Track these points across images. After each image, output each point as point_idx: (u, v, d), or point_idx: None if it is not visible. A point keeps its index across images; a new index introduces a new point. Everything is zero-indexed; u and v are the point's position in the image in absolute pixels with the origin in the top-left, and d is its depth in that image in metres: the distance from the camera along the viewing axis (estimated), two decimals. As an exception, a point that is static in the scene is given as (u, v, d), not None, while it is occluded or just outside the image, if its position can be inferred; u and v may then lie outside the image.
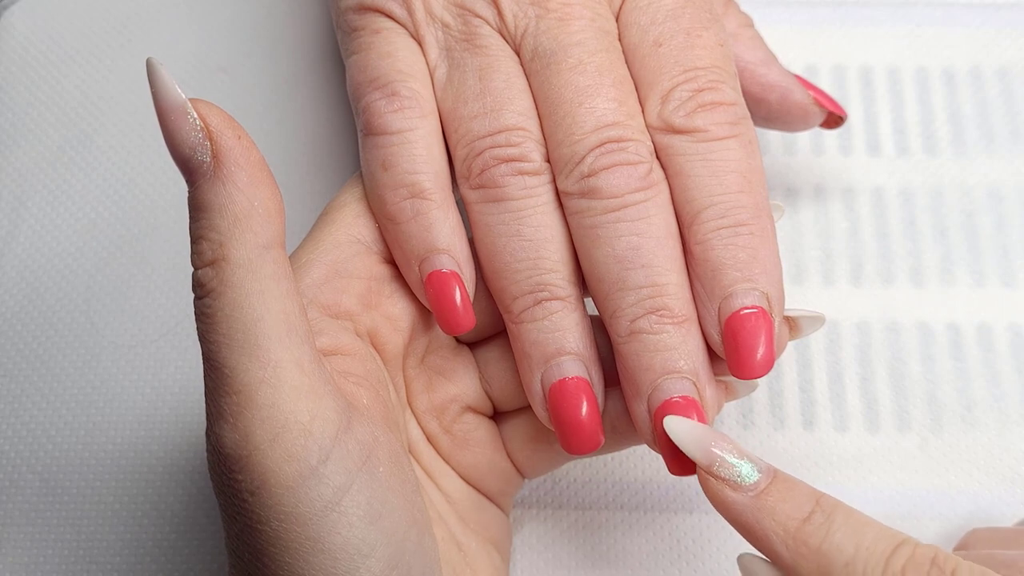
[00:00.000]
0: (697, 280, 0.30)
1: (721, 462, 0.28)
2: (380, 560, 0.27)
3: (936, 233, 0.41)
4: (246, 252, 0.26)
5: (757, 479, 0.28)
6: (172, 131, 0.26)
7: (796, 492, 0.27)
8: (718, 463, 0.28)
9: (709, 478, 0.28)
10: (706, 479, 0.28)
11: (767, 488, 0.27)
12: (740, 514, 0.27)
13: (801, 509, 0.27)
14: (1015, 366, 0.39)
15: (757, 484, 0.27)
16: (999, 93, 0.43)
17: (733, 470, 0.28)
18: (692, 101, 0.31)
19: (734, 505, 0.27)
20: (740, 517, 0.27)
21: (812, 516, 0.27)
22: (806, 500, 0.27)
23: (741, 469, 0.28)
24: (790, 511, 0.27)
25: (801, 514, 0.27)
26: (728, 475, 0.28)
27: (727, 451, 0.28)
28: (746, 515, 0.27)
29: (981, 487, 0.37)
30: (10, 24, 0.48)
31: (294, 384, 0.26)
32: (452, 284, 0.31)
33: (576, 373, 0.31)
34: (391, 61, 0.33)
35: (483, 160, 0.31)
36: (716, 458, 0.28)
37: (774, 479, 0.28)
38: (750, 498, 0.27)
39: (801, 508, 0.27)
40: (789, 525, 0.27)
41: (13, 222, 0.44)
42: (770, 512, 0.27)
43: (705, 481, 0.28)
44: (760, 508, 0.27)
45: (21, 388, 0.41)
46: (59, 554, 0.38)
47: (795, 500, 0.27)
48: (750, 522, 0.27)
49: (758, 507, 0.27)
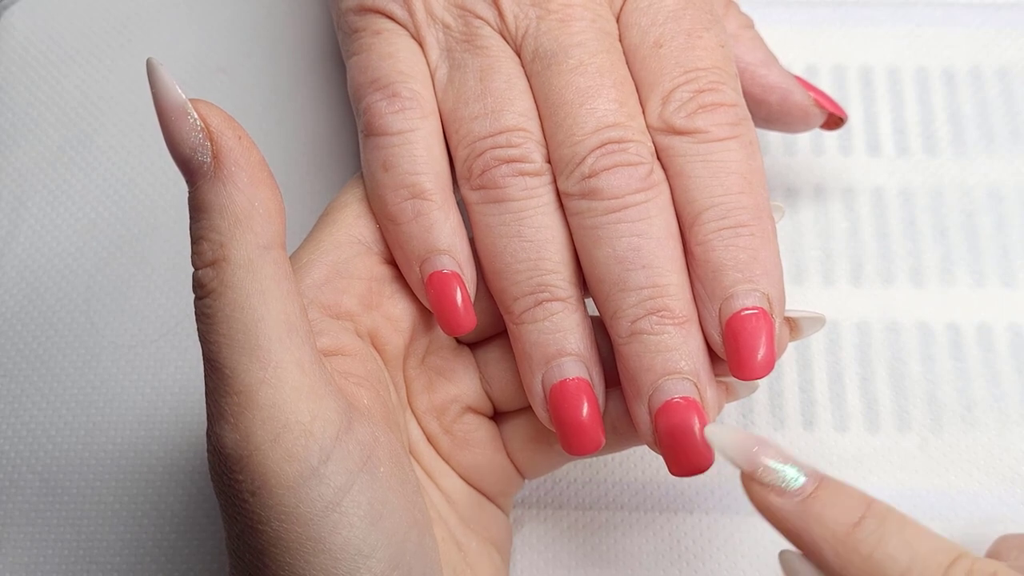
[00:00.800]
0: (698, 281, 0.30)
1: (765, 468, 0.27)
2: (381, 560, 0.27)
3: (936, 233, 0.41)
4: (246, 252, 0.26)
5: (803, 483, 0.26)
6: (172, 131, 0.26)
7: (845, 496, 0.26)
8: (762, 469, 0.27)
9: (753, 484, 0.27)
10: (750, 485, 0.27)
11: (814, 493, 0.26)
12: (786, 519, 0.26)
13: (851, 514, 0.26)
14: (1015, 366, 0.39)
15: (803, 489, 0.26)
16: (999, 93, 0.43)
17: (777, 475, 0.26)
18: (693, 102, 0.31)
19: (780, 511, 0.26)
20: (786, 523, 0.26)
21: (863, 522, 0.26)
22: (856, 505, 0.26)
23: (786, 474, 0.26)
24: (839, 516, 0.26)
25: (851, 519, 0.26)
26: (772, 480, 0.26)
27: (771, 456, 0.27)
28: (792, 520, 0.26)
29: (981, 487, 0.37)
30: (10, 24, 0.48)
31: (295, 385, 0.26)
32: (453, 285, 0.31)
33: (577, 374, 0.31)
34: (392, 62, 0.33)
35: (484, 161, 0.31)
36: (760, 464, 0.27)
37: (821, 483, 0.26)
38: (796, 503, 0.26)
39: (851, 513, 0.26)
40: (838, 531, 0.26)
41: (13, 222, 0.44)
42: (817, 517, 0.26)
43: (750, 487, 0.27)
44: (807, 513, 0.26)
45: (21, 388, 0.41)
46: (59, 554, 0.38)
47: (844, 505, 0.26)
48: (797, 528, 0.26)
49: (805, 512, 0.26)
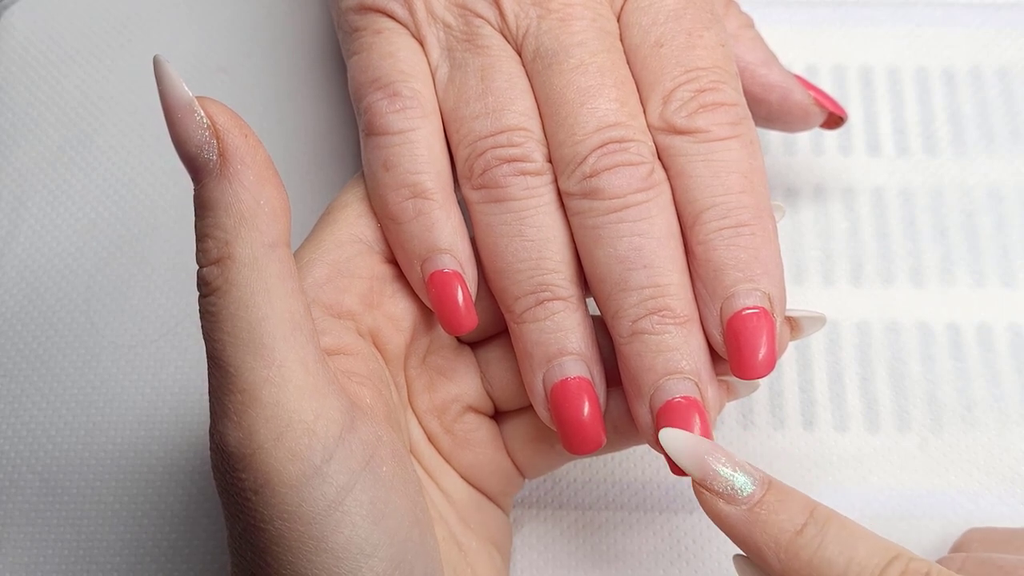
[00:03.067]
0: (699, 280, 0.30)
1: (715, 475, 0.28)
2: (383, 560, 0.27)
3: (936, 233, 0.41)
4: (251, 251, 0.26)
5: (752, 491, 0.27)
6: (178, 129, 0.26)
7: (790, 503, 0.27)
8: (712, 476, 0.28)
9: (703, 491, 0.28)
10: (701, 492, 0.28)
11: (760, 500, 0.27)
12: (734, 527, 0.27)
13: (794, 521, 0.27)
14: (1015, 366, 0.39)
15: (751, 496, 0.27)
16: (999, 93, 0.43)
17: (727, 483, 0.27)
18: (694, 102, 0.31)
19: (728, 518, 0.27)
20: (734, 530, 0.27)
21: (805, 528, 0.27)
22: (799, 511, 0.27)
23: (735, 481, 0.27)
24: (783, 523, 0.27)
25: (794, 526, 0.27)
26: (722, 488, 0.27)
27: (721, 463, 0.28)
28: (740, 528, 0.27)
29: (981, 487, 0.37)
30: (10, 24, 0.48)
31: (299, 383, 0.26)
32: (454, 284, 0.31)
33: (578, 373, 0.31)
34: (393, 61, 0.33)
35: (485, 160, 0.31)
36: (710, 471, 0.28)
37: (768, 490, 0.27)
38: (743, 511, 0.27)
39: (794, 520, 0.27)
40: (781, 538, 0.27)
41: (13, 222, 0.44)
42: (763, 525, 0.27)
43: (700, 494, 0.28)
44: (753, 521, 0.27)
45: (21, 388, 0.41)
46: (59, 554, 0.38)
47: (788, 512, 0.27)
48: (744, 535, 0.27)
49: (751, 520, 0.27)
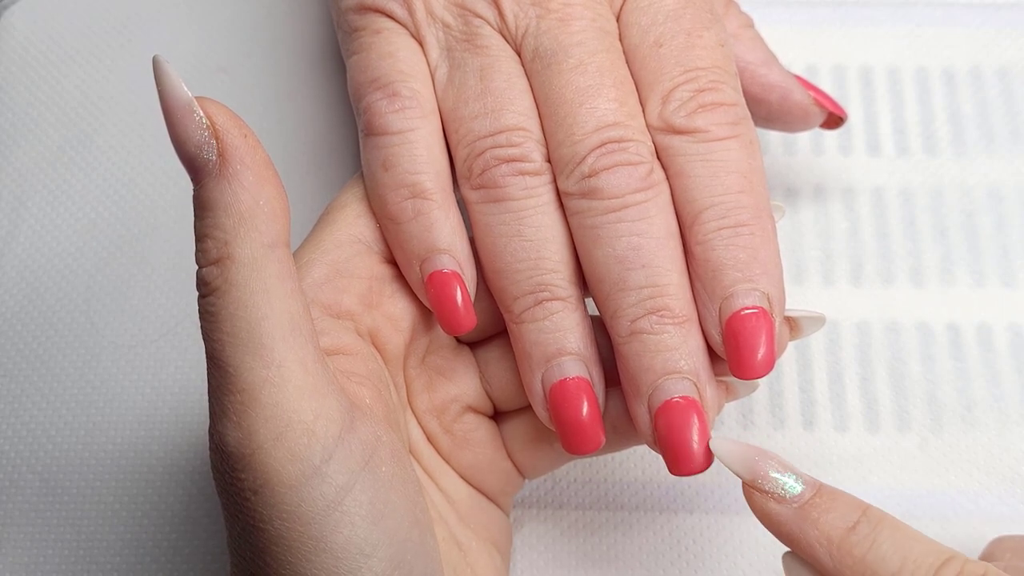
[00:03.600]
0: (698, 280, 0.30)
1: (765, 476, 0.28)
2: (382, 560, 0.27)
3: (936, 233, 0.41)
4: (251, 251, 0.26)
5: (801, 491, 0.27)
6: (178, 129, 0.26)
7: (841, 503, 0.27)
8: (762, 477, 0.28)
9: (754, 492, 0.28)
10: (751, 493, 0.28)
11: (811, 500, 0.27)
12: (783, 525, 0.27)
13: (846, 519, 0.27)
14: (1015, 366, 0.39)
15: (801, 496, 0.27)
16: (999, 93, 0.43)
17: (777, 483, 0.28)
18: (693, 101, 0.31)
19: (778, 516, 0.27)
20: (784, 528, 0.27)
21: (857, 526, 0.27)
22: (851, 510, 0.27)
23: (785, 482, 0.28)
24: (834, 521, 0.27)
25: (846, 524, 0.27)
26: (772, 488, 0.28)
27: (771, 466, 0.28)
28: (790, 526, 0.27)
29: (981, 487, 0.37)
30: (10, 24, 0.48)
31: (298, 383, 0.26)
32: (453, 284, 0.31)
33: (577, 373, 0.31)
34: (392, 61, 0.33)
35: (484, 160, 0.31)
36: (760, 472, 0.28)
37: (819, 491, 0.28)
38: (794, 510, 0.27)
39: (846, 518, 0.27)
40: (833, 535, 0.27)
41: (13, 222, 0.44)
42: (814, 522, 0.27)
43: (750, 495, 0.28)
44: (804, 519, 0.27)
45: (21, 388, 0.41)
46: (59, 554, 0.38)
47: (840, 510, 0.27)
48: (794, 532, 0.27)
49: (802, 518, 0.27)
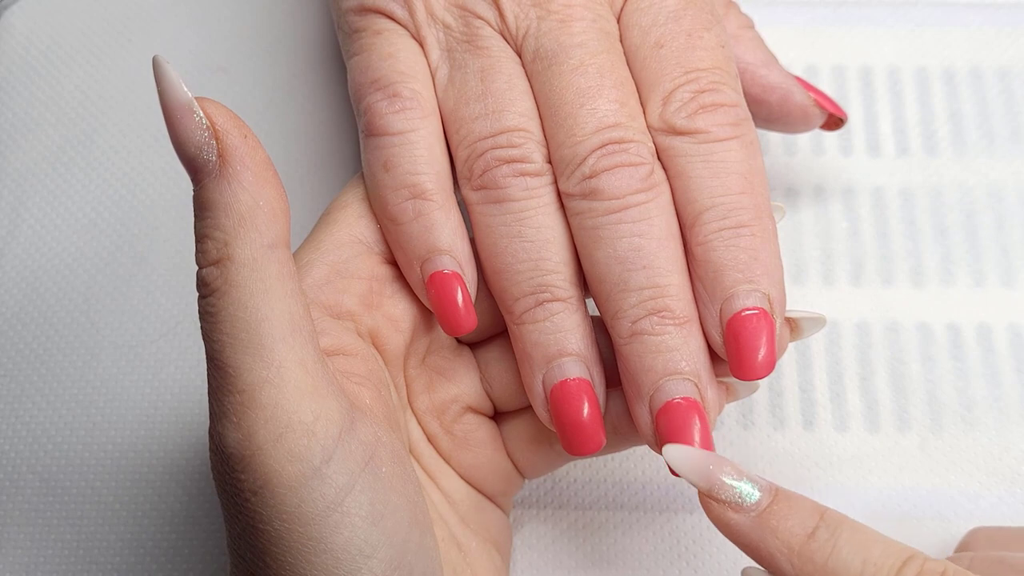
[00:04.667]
0: (699, 281, 0.30)
1: (720, 485, 0.27)
2: (382, 560, 0.27)
3: (936, 233, 0.41)
4: (251, 251, 0.26)
5: (758, 498, 0.27)
6: (178, 129, 0.26)
7: (799, 508, 0.27)
8: (717, 486, 0.27)
9: (711, 502, 0.28)
10: (708, 503, 0.28)
11: (769, 507, 0.27)
12: (743, 535, 0.27)
13: (804, 525, 0.27)
14: (1015, 366, 0.39)
15: (759, 503, 0.27)
16: (999, 93, 0.43)
17: (733, 492, 0.27)
18: (693, 102, 0.31)
19: (737, 526, 0.27)
20: (743, 538, 0.27)
21: (816, 532, 0.27)
22: (809, 516, 0.27)
23: (741, 490, 0.27)
24: (793, 528, 0.27)
25: (805, 530, 0.27)
26: (729, 497, 0.27)
27: (726, 473, 0.28)
28: (750, 535, 0.27)
29: (981, 487, 0.37)
30: (10, 24, 0.48)
31: (298, 384, 0.26)
32: (454, 285, 0.31)
33: (578, 374, 0.31)
34: (392, 62, 0.33)
35: (485, 161, 0.31)
36: (716, 481, 0.28)
37: (776, 497, 0.27)
38: (752, 519, 0.27)
39: (804, 524, 0.27)
40: (793, 543, 0.27)
41: (13, 222, 0.44)
42: (773, 530, 0.27)
43: (707, 504, 0.28)
44: (763, 527, 0.27)
45: (21, 388, 0.41)
46: (59, 554, 0.38)
47: (798, 516, 0.27)
48: (754, 542, 0.27)
49: (760, 526, 0.27)
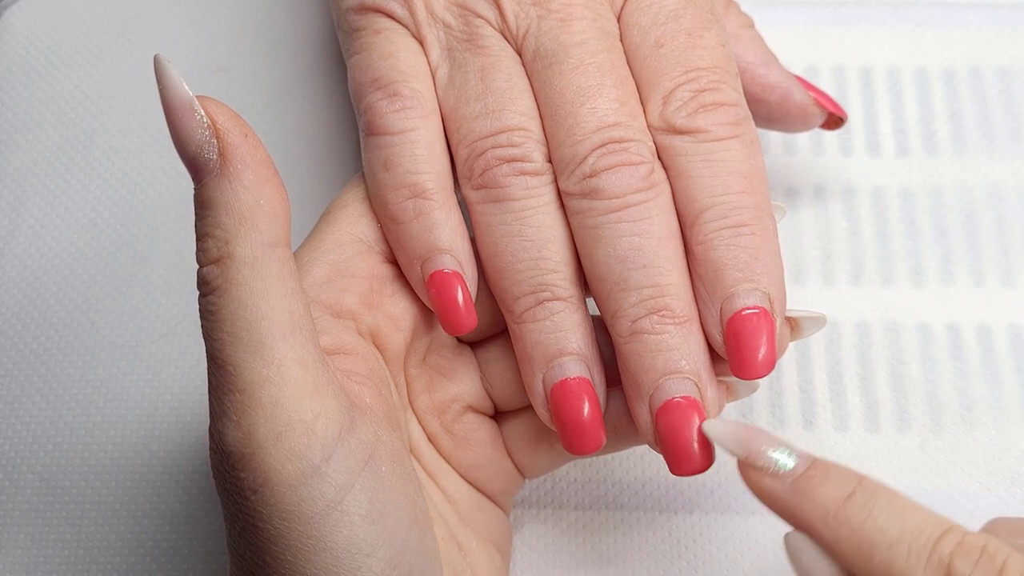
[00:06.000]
0: (699, 280, 0.30)
1: (758, 453, 0.27)
2: (382, 559, 0.27)
3: (936, 233, 0.41)
4: (251, 250, 0.26)
5: (795, 465, 0.27)
6: (179, 128, 0.26)
7: (836, 474, 0.27)
8: (755, 454, 0.27)
9: (749, 469, 0.27)
10: (746, 471, 0.28)
11: (805, 473, 0.27)
12: (780, 499, 0.27)
13: (841, 490, 0.26)
14: (1015, 366, 0.39)
15: (795, 470, 0.27)
16: (999, 93, 0.43)
17: (771, 459, 0.27)
18: (694, 102, 0.31)
19: (773, 492, 0.27)
20: (780, 503, 0.27)
21: (853, 496, 0.26)
22: (847, 481, 0.27)
23: (779, 459, 0.27)
24: (830, 492, 0.26)
25: (841, 494, 0.26)
26: (766, 465, 0.27)
27: (765, 443, 0.28)
28: (786, 500, 0.27)
29: (981, 487, 0.37)
30: (10, 24, 0.48)
31: (298, 383, 0.26)
32: (454, 284, 0.31)
33: (578, 373, 0.31)
34: (393, 61, 0.33)
35: (485, 160, 0.31)
36: (754, 449, 0.28)
37: (813, 464, 0.27)
38: (788, 484, 0.27)
39: (841, 489, 0.26)
40: (829, 506, 0.26)
41: (13, 222, 0.44)
42: (808, 495, 0.27)
43: (745, 473, 0.28)
44: (799, 492, 0.27)
45: (21, 388, 0.41)
46: (59, 554, 0.38)
47: (835, 481, 0.27)
48: (790, 507, 0.27)
49: (797, 491, 0.27)
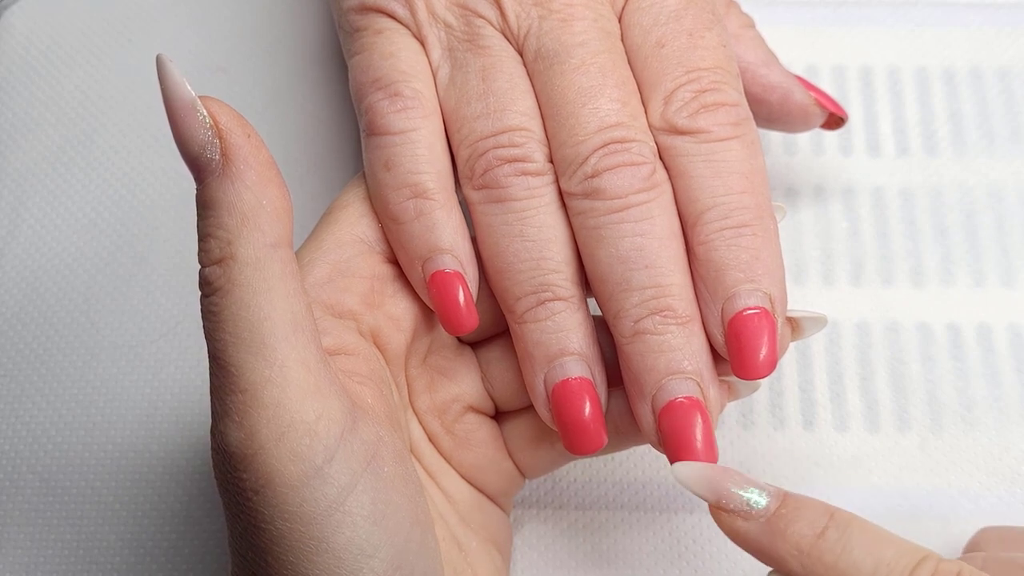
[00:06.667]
0: (700, 281, 0.30)
1: (728, 495, 0.27)
2: (383, 560, 0.27)
3: (936, 233, 0.41)
4: (254, 251, 0.26)
5: (766, 504, 0.27)
6: (181, 128, 0.26)
7: (807, 510, 0.27)
8: (726, 496, 0.27)
9: (720, 512, 0.27)
10: (718, 514, 0.28)
11: (777, 511, 0.27)
12: (754, 541, 0.27)
13: (813, 526, 0.26)
14: (1015, 366, 0.39)
15: (767, 509, 0.27)
16: (999, 93, 0.43)
17: (741, 500, 0.27)
18: (695, 102, 0.31)
19: (747, 534, 0.27)
20: (754, 544, 0.27)
21: (826, 532, 0.26)
22: (818, 516, 0.27)
23: (748, 498, 0.27)
24: (802, 529, 0.26)
25: (814, 531, 0.26)
26: (737, 506, 0.27)
27: (734, 483, 0.27)
28: (760, 541, 0.27)
29: (981, 487, 0.37)
30: (10, 24, 0.48)
31: (300, 383, 0.26)
32: (455, 284, 0.31)
33: (579, 373, 0.31)
34: (393, 61, 0.33)
35: (486, 160, 0.31)
36: (723, 492, 0.27)
37: (784, 501, 0.27)
38: (761, 524, 0.27)
39: (813, 525, 0.26)
40: (802, 544, 0.26)
41: (13, 222, 0.44)
42: (781, 534, 0.26)
43: (717, 516, 0.28)
44: (772, 532, 0.27)
45: (21, 388, 0.41)
46: (59, 554, 0.38)
47: (807, 518, 0.27)
48: (764, 547, 0.27)
49: (770, 531, 0.27)
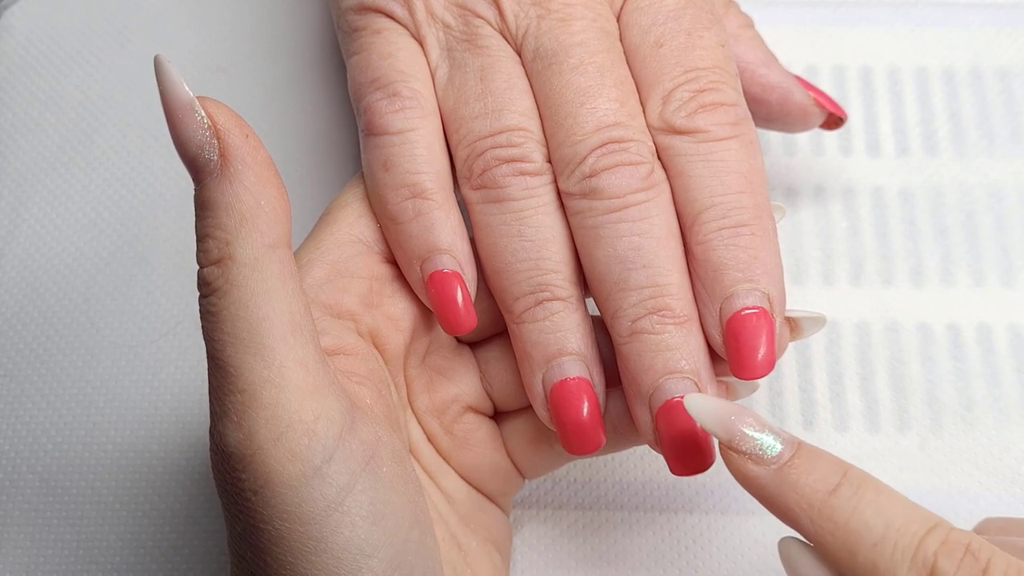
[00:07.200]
0: (698, 280, 0.30)
1: (741, 436, 0.26)
2: (382, 560, 0.27)
3: (936, 233, 0.41)
4: (252, 251, 0.26)
5: (780, 451, 0.26)
6: (179, 129, 0.26)
7: (821, 463, 0.26)
8: (738, 437, 0.26)
9: (731, 452, 0.26)
10: (728, 454, 0.27)
11: (791, 460, 0.26)
12: (763, 488, 0.26)
13: (827, 481, 0.26)
14: (1015, 366, 0.39)
15: (780, 456, 0.26)
16: (999, 93, 0.43)
17: (754, 443, 0.26)
18: (693, 102, 0.31)
19: (756, 479, 0.26)
20: (763, 491, 0.26)
21: (839, 489, 0.25)
22: (832, 472, 0.26)
23: (763, 441, 0.26)
24: (815, 483, 0.26)
25: (827, 486, 0.25)
26: (749, 448, 0.26)
27: (748, 424, 0.26)
28: (769, 489, 0.26)
29: (981, 487, 0.37)
30: (10, 24, 0.48)
31: (299, 384, 0.26)
32: (454, 284, 0.31)
33: (577, 373, 0.31)
34: (392, 61, 0.33)
35: (484, 160, 0.31)
36: (737, 432, 0.26)
37: (798, 450, 0.26)
38: (772, 471, 0.26)
39: (827, 480, 0.26)
40: (814, 499, 0.25)
41: (13, 222, 0.44)
42: (793, 485, 0.26)
43: (727, 456, 0.27)
44: (783, 481, 0.26)
45: (21, 388, 0.41)
46: (59, 554, 0.38)
47: (820, 472, 0.26)
48: (773, 496, 0.26)
49: (781, 480, 0.26)
